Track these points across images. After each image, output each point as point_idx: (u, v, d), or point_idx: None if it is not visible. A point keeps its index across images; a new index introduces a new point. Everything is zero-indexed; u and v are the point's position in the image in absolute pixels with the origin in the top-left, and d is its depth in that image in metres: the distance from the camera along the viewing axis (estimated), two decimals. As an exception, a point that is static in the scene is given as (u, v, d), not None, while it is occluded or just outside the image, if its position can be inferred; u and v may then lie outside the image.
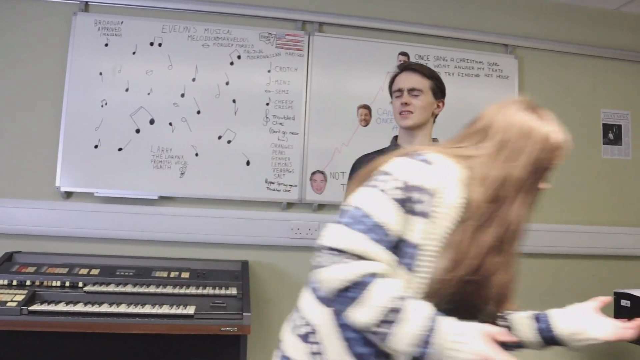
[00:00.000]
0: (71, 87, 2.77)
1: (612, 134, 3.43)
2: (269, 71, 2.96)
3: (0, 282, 2.32)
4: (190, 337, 2.37)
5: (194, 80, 2.89)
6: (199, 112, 2.88)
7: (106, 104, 2.80)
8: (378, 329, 1.00)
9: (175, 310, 2.21)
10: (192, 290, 2.39)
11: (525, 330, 1.31)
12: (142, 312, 2.19)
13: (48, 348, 2.32)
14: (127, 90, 2.82)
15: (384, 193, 1.09)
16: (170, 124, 2.85)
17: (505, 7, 3.33)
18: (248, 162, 2.90)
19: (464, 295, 1.11)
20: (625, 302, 2.71)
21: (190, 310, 2.22)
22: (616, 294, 2.78)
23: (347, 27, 3.09)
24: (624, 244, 3.32)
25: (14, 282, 2.32)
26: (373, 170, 1.19)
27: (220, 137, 2.89)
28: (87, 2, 2.85)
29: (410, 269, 1.10)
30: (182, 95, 2.87)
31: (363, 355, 1.12)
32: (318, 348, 1.15)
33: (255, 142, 2.91)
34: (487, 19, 3.29)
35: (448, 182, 1.11)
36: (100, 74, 2.80)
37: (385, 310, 0.99)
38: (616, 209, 3.38)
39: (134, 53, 2.85)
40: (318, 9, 3.07)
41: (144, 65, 2.85)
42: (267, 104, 2.94)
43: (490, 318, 1.19)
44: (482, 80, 3.20)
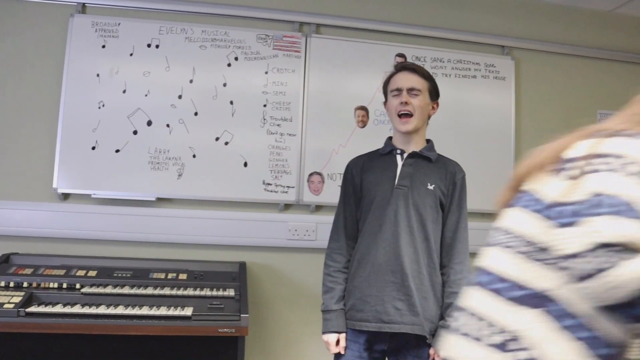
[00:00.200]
0: (68, 88, 2.77)
1: (609, 135, 3.43)
2: (266, 73, 2.96)
3: (-3, 284, 2.31)
4: (187, 339, 2.37)
5: (191, 81, 2.89)
6: (196, 114, 2.88)
7: (103, 105, 2.80)
8: None
9: (172, 312, 2.21)
10: (190, 292, 2.38)
11: None
12: (139, 313, 2.19)
13: (45, 350, 2.32)
14: (124, 91, 2.82)
15: (630, 177, 0.87)
16: (168, 125, 2.85)
17: (502, 9, 3.34)
18: (245, 164, 2.90)
19: None
20: (622, 303, 2.72)
21: (188, 311, 2.22)
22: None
23: (344, 28, 3.10)
24: (620, 244, 3.32)
25: (11, 284, 2.31)
26: (554, 156, 0.99)
27: (217, 139, 2.89)
28: (84, 3, 2.85)
29: None
30: (180, 96, 2.87)
31: (607, 356, 0.97)
32: (528, 354, 0.99)
33: (253, 144, 2.92)
34: (483, 20, 3.30)
35: None
36: (98, 75, 2.80)
37: None
38: (613, 210, 3.39)
39: (131, 54, 2.85)
40: (315, 11, 3.07)
41: (141, 66, 2.85)
42: (265, 106, 2.95)
43: None
44: (479, 81, 3.21)
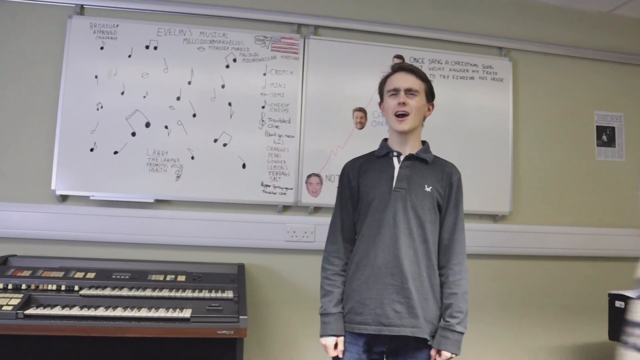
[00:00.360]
0: (67, 90, 2.76)
1: (606, 136, 3.45)
2: (264, 74, 2.96)
3: (-4, 286, 2.31)
4: (186, 341, 2.37)
5: (189, 83, 2.89)
6: (194, 115, 2.88)
7: (102, 107, 2.79)
8: None
9: (171, 314, 2.21)
10: (189, 294, 2.38)
11: None
12: (138, 315, 2.19)
13: (44, 352, 2.32)
14: (122, 93, 2.82)
15: None
16: (166, 127, 2.85)
17: (499, 10, 3.35)
18: (244, 165, 2.90)
19: None
20: (619, 304, 2.73)
21: (187, 313, 2.22)
22: (610, 295, 2.80)
23: (342, 30, 3.10)
24: (617, 245, 3.34)
25: (10, 286, 2.31)
26: None
27: (216, 140, 2.89)
28: (82, 5, 2.84)
29: None
30: (178, 98, 2.87)
31: None
32: None
33: (251, 145, 2.92)
34: (481, 22, 3.31)
35: None
36: (96, 77, 2.80)
37: None
38: (610, 211, 3.41)
39: (129, 56, 2.85)
40: (313, 12, 3.08)
41: (139, 68, 2.85)
42: (263, 107, 2.95)
43: None
44: (477, 82, 3.22)
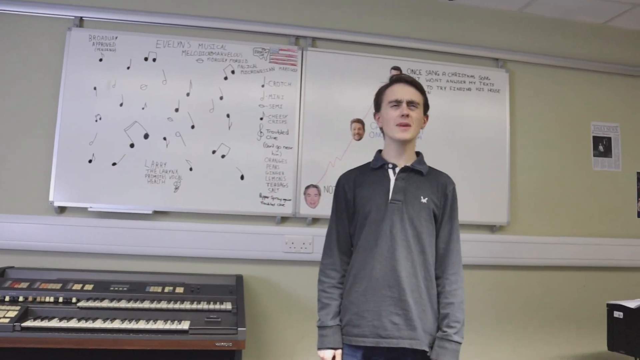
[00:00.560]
0: (65, 101, 2.77)
1: (602, 146, 3.47)
2: (262, 86, 2.98)
3: (-7, 298, 2.30)
4: (184, 353, 2.36)
5: (188, 95, 2.90)
6: (193, 127, 2.89)
7: (100, 118, 2.80)
8: None
9: (169, 326, 2.20)
10: (187, 305, 2.38)
11: None
12: (136, 327, 2.18)
13: (41, 365, 2.30)
14: (121, 105, 2.83)
15: None
16: (165, 138, 2.86)
17: (496, 22, 3.38)
18: (242, 177, 2.91)
19: None
20: (618, 314, 2.73)
21: (185, 325, 2.21)
22: (609, 305, 2.80)
23: (340, 42, 3.12)
24: (615, 255, 3.35)
25: (7, 298, 2.30)
26: None
27: (214, 152, 2.89)
28: (81, 17, 2.86)
29: None
30: (177, 109, 2.88)
31: None
32: None
33: (249, 157, 2.92)
34: (478, 33, 3.34)
35: None
36: (95, 88, 2.81)
37: None
38: (607, 221, 3.42)
39: (128, 68, 2.86)
40: (311, 24, 3.10)
41: (138, 80, 2.86)
42: (261, 119, 2.96)
43: None
44: (474, 94, 3.24)
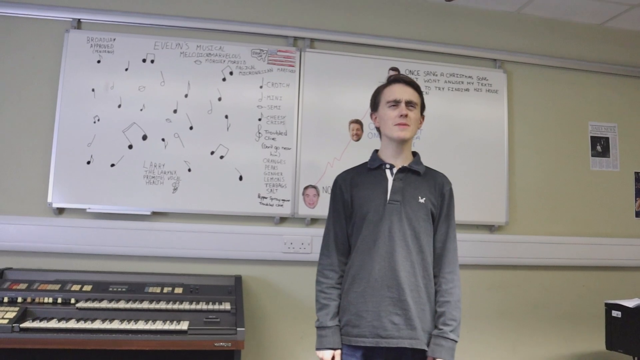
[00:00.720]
0: (63, 103, 2.77)
1: (600, 146, 3.48)
2: (261, 87, 2.98)
3: (-8, 299, 2.30)
4: (183, 353, 2.37)
5: (186, 96, 2.90)
6: (191, 128, 2.89)
7: (99, 120, 2.81)
8: None
9: (168, 326, 2.21)
10: (186, 306, 2.38)
11: None
12: (135, 328, 2.18)
13: (40, 366, 2.30)
14: (119, 106, 2.83)
15: None
16: (163, 139, 2.86)
17: (494, 23, 3.39)
18: (241, 177, 2.91)
19: None
20: (616, 313, 2.74)
21: (184, 325, 2.22)
22: (607, 304, 2.81)
23: (338, 43, 3.13)
24: (613, 255, 3.35)
25: (5, 299, 2.30)
26: None
27: (212, 153, 2.90)
28: (79, 19, 2.87)
29: None
30: (175, 111, 2.89)
31: None
32: None
33: (248, 157, 2.93)
34: (476, 34, 3.35)
35: None
36: (93, 90, 2.82)
37: None
38: (605, 220, 3.42)
39: (126, 69, 2.86)
40: (309, 26, 3.11)
41: (136, 81, 2.86)
42: (260, 120, 2.96)
43: None
44: (472, 94, 3.24)
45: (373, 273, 1.87)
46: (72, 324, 2.15)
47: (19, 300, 2.31)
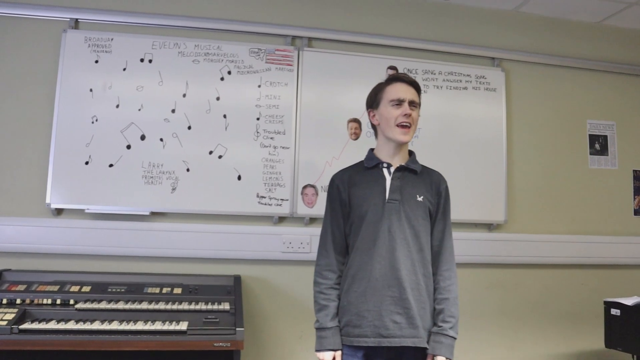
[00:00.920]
0: (61, 103, 2.77)
1: (599, 144, 3.48)
2: (259, 86, 2.98)
3: (-10, 300, 2.29)
4: (183, 354, 2.36)
5: (184, 95, 2.90)
6: (189, 128, 2.89)
7: (97, 120, 2.80)
8: None
9: (167, 327, 2.21)
10: (185, 306, 2.38)
11: None
12: (134, 329, 2.18)
13: (39, 367, 2.30)
14: (117, 106, 2.83)
15: None
16: (161, 139, 2.85)
17: (492, 21, 3.39)
18: (239, 177, 2.91)
19: None
20: (615, 311, 2.74)
21: (183, 326, 2.22)
22: (606, 303, 2.81)
23: (336, 42, 3.13)
24: (612, 253, 3.36)
25: (4, 301, 2.30)
26: None
27: (211, 152, 2.89)
28: (77, 19, 2.86)
29: None
30: (173, 110, 2.88)
31: None
32: None
33: (246, 157, 2.93)
34: (474, 32, 3.34)
35: None
36: (91, 90, 2.81)
37: None
38: (604, 219, 3.42)
39: (124, 69, 2.86)
40: (307, 25, 3.10)
41: (134, 81, 2.86)
42: (258, 119, 2.96)
43: None
44: (470, 93, 3.24)
45: (373, 272, 1.87)
46: (71, 325, 2.15)
47: (18, 301, 2.30)
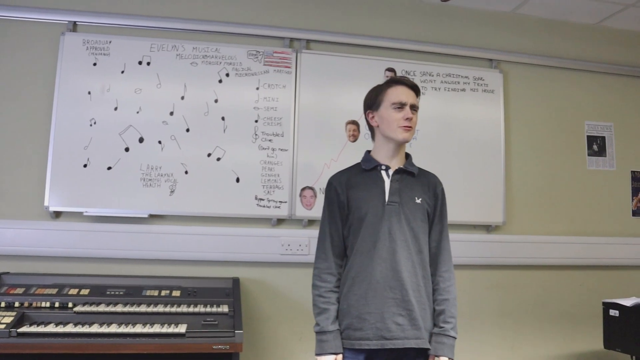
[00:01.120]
0: (60, 106, 2.77)
1: (597, 146, 3.48)
2: (257, 88, 2.98)
3: (-11, 304, 2.29)
4: (182, 356, 2.35)
5: (182, 98, 2.90)
6: (188, 130, 2.89)
7: (95, 123, 2.80)
8: None
9: (166, 329, 2.20)
10: (184, 309, 2.38)
11: None
12: (133, 331, 2.17)
13: (38, 370, 2.29)
14: (116, 109, 2.83)
15: None
16: (160, 142, 2.85)
17: (490, 23, 3.39)
18: (238, 179, 2.91)
19: None
20: (614, 312, 2.74)
21: (182, 328, 2.21)
22: (605, 303, 2.82)
23: (334, 44, 3.13)
24: (610, 254, 3.36)
25: (2, 304, 2.29)
26: None
27: (209, 155, 2.89)
28: (75, 22, 2.86)
29: None
30: (171, 113, 2.88)
31: None
32: None
33: (245, 159, 2.93)
34: (471, 34, 3.35)
35: None
36: (89, 93, 2.81)
37: None
38: (602, 220, 3.43)
39: (122, 72, 2.86)
40: (305, 27, 3.10)
41: (132, 84, 2.86)
42: (256, 121, 2.96)
43: None
44: (468, 94, 3.25)
45: (374, 274, 1.86)
46: (70, 328, 2.15)
47: (16, 304, 2.30)
